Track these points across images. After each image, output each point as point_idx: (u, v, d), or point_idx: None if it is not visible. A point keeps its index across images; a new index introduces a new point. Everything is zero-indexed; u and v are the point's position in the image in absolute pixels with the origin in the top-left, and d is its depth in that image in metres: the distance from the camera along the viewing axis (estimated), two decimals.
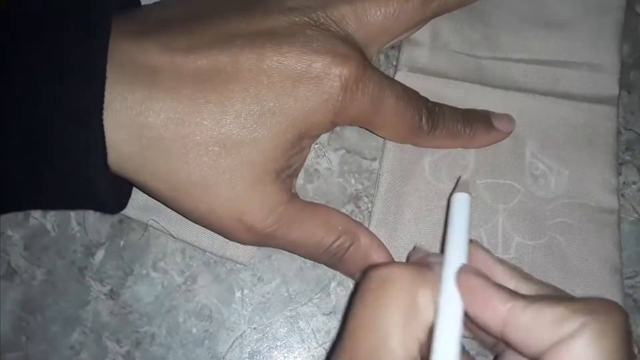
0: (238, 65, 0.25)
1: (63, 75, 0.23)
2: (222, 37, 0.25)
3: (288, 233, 0.26)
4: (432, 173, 0.30)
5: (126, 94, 0.24)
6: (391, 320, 0.20)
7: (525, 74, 0.32)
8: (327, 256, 0.27)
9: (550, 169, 0.31)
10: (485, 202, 0.30)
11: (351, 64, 0.25)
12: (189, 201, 0.25)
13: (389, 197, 0.30)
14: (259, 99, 0.25)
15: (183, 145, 0.24)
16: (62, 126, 0.23)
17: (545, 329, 0.19)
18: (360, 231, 0.28)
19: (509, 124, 0.31)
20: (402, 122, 0.28)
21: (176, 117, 0.24)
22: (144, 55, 0.24)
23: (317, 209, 0.27)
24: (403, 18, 0.28)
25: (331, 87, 0.25)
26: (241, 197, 0.25)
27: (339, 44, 0.26)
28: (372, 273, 0.21)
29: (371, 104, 0.26)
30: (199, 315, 0.30)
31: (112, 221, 0.31)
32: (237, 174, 0.25)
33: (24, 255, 0.30)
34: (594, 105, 0.31)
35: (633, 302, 0.31)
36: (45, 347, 0.30)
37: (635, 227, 0.31)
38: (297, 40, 0.25)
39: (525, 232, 0.30)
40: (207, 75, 0.24)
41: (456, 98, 0.31)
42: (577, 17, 0.32)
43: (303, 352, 0.30)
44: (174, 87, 0.24)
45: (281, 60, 0.25)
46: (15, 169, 0.24)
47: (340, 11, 0.27)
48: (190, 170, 0.25)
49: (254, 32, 0.25)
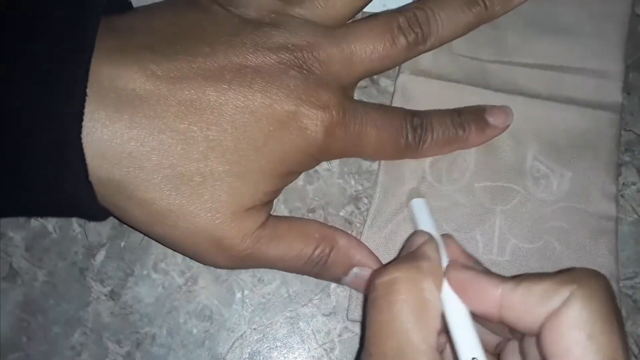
0: (225, 100, 0.25)
1: (43, 94, 0.23)
2: (210, 68, 0.25)
3: (266, 252, 0.27)
4: (431, 174, 0.30)
5: (107, 122, 0.23)
6: (407, 318, 0.21)
7: (529, 79, 0.31)
8: (311, 266, 0.28)
9: (552, 170, 0.30)
10: (482, 205, 0.30)
11: (332, 111, 0.26)
12: (165, 227, 0.26)
13: (387, 197, 0.30)
14: (246, 138, 0.25)
15: (165, 176, 0.24)
16: (43, 144, 0.23)
17: (538, 304, 0.20)
18: (337, 234, 0.28)
19: (505, 118, 0.30)
20: (386, 149, 0.29)
21: (160, 147, 0.24)
22: (127, 81, 0.24)
23: (290, 222, 0.28)
24: (388, 61, 0.29)
25: (314, 131, 0.26)
26: (220, 226, 0.25)
27: (321, 89, 0.26)
28: (377, 282, 0.22)
29: (353, 141, 0.27)
30: (199, 316, 0.30)
31: (112, 222, 0.31)
32: (217, 205, 0.25)
33: (25, 257, 0.31)
34: (597, 111, 0.31)
35: (633, 302, 0.31)
36: (46, 347, 0.30)
37: (635, 227, 0.31)
38: (283, 83, 0.25)
39: (522, 235, 0.30)
40: (193, 107, 0.24)
41: (458, 101, 0.31)
42: (582, 23, 0.32)
43: (303, 353, 0.30)
44: (159, 117, 0.24)
45: (269, 103, 0.25)
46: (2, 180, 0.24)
47: (327, 52, 0.27)
48: (170, 199, 0.25)
49: (242, 67, 0.25)
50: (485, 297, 0.21)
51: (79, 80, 0.23)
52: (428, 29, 0.29)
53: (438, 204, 0.30)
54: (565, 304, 0.19)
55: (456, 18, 0.29)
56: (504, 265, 0.29)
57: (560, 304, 0.19)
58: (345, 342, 0.30)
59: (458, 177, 0.30)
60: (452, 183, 0.30)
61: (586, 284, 0.20)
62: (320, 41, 0.27)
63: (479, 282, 0.22)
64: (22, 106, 0.23)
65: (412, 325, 0.21)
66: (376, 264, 0.28)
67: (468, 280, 0.22)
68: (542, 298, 0.20)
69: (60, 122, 0.23)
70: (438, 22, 0.29)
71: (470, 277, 0.22)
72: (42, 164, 0.23)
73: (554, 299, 0.20)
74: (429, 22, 0.29)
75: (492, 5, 0.30)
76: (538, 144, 0.31)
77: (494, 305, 0.21)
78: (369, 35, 0.28)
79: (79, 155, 0.23)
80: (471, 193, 0.30)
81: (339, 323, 0.30)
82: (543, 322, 0.20)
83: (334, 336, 0.30)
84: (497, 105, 0.31)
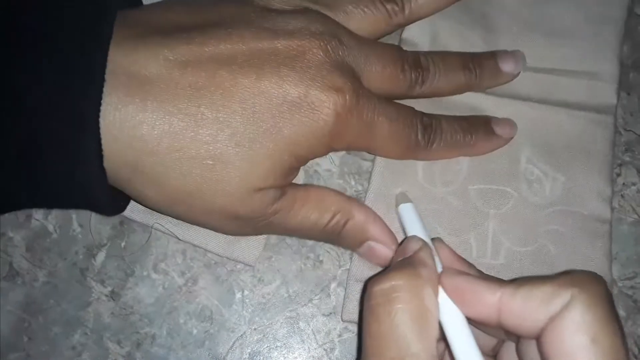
0: (236, 83, 0.25)
1: (62, 80, 0.23)
2: (222, 52, 0.25)
3: (282, 222, 0.27)
4: (424, 176, 0.30)
5: (119, 105, 0.23)
6: (407, 328, 0.21)
7: (523, 82, 0.31)
8: (324, 235, 0.28)
9: (545, 174, 0.30)
10: (476, 208, 0.30)
11: (345, 94, 0.26)
12: (183, 207, 0.26)
13: (379, 199, 0.30)
14: (256, 119, 0.25)
15: (177, 158, 0.24)
16: (59, 129, 0.23)
17: (539, 308, 0.20)
18: (354, 208, 0.28)
19: (511, 130, 0.31)
20: (397, 143, 0.29)
21: (170, 130, 0.24)
22: (140, 65, 0.24)
23: (309, 192, 0.28)
24: (393, 85, 0.29)
25: (326, 115, 0.26)
26: (236, 203, 0.25)
27: (335, 73, 0.26)
28: (374, 289, 0.22)
29: (365, 130, 0.27)
30: (199, 316, 0.30)
31: (113, 223, 0.31)
32: (231, 185, 0.25)
33: (25, 257, 0.31)
34: (591, 113, 0.31)
35: (633, 302, 0.31)
36: (46, 348, 0.30)
37: (635, 228, 0.31)
38: (296, 65, 0.25)
39: (516, 239, 0.30)
40: (204, 90, 0.24)
41: (452, 101, 0.31)
42: (577, 25, 0.32)
43: (303, 353, 0.30)
44: (169, 100, 0.24)
45: (280, 83, 0.25)
46: (10, 168, 0.24)
47: (346, 42, 0.27)
48: (184, 181, 0.25)
49: (256, 50, 0.25)
50: (483, 303, 0.21)
51: (97, 67, 0.23)
52: (427, 74, 0.30)
53: (431, 206, 0.30)
54: (567, 307, 0.19)
55: (451, 76, 0.30)
56: (498, 268, 0.29)
57: (561, 308, 0.19)
58: (345, 342, 0.30)
59: (451, 179, 0.30)
60: (445, 185, 0.30)
61: (587, 287, 0.20)
62: (341, 31, 0.27)
63: (476, 288, 0.22)
64: (38, 90, 0.23)
65: (413, 335, 0.21)
66: (391, 239, 0.29)
67: (464, 286, 0.22)
68: (542, 302, 0.20)
69: (78, 107, 0.23)
70: (437, 73, 0.30)
71: (466, 283, 0.22)
72: (57, 148, 0.23)
73: (555, 303, 0.20)
74: (428, 69, 0.30)
75: (482, 77, 0.31)
76: (532, 147, 0.31)
77: (492, 311, 0.21)
78: (385, 52, 0.29)
79: (96, 139, 0.23)
80: (465, 196, 0.30)
81: (339, 323, 0.30)
82: (544, 326, 0.20)
83: (334, 336, 0.30)
84: (493, 109, 0.31)
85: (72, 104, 0.23)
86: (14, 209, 0.30)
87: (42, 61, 0.23)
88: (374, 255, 0.29)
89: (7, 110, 0.23)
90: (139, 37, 0.25)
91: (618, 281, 0.31)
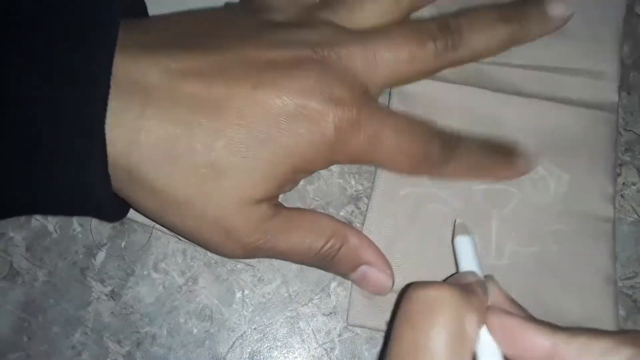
0: (233, 93, 0.25)
1: (67, 86, 0.23)
2: (222, 62, 0.25)
3: (276, 244, 0.27)
4: (430, 178, 0.30)
5: (119, 111, 0.24)
6: (440, 344, 0.20)
7: (525, 80, 0.31)
8: (317, 259, 0.28)
9: (550, 173, 0.30)
10: (479, 208, 0.30)
11: (344, 107, 0.25)
12: (176, 217, 0.26)
13: (385, 201, 0.30)
14: (252, 130, 0.25)
15: (172, 166, 0.24)
16: (64, 134, 0.23)
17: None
18: (349, 232, 0.28)
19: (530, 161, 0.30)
20: (408, 157, 0.27)
21: (166, 137, 0.24)
22: (141, 73, 0.24)
23: (303, 215, 0.28)
24: (415, 66, 0.28)
25: (325, 127, 0.25)
26: (228, 218, 0.25)
27: (336, 85, 0.26)
28: (417, 294, 0.21)
29: (369, 143, 0.26)
30: (199, 315, 0.30)
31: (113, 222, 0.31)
32: (225, 197, 0.25)
33: (25, 257, 0.31)
34: (593, 111, 0.31)
35: (633, 302, 0.31)
36: (46, 347, 0.30)
37: (635, 228, 0.31)
38: (295, 76, 0.25)
39: (520, 239, 0.30)
40: (202, 100, 0.24)
41: (455, 102, 0.31)
42: (577, 24, 0.32)
43: (303, 353, 0.30)
44: (168, 108, 0.24)
45: (277, 94, 0.25)
46: (15, 174, 0.24)
47: (348, 49, 0.27)
48: (178, 190, 0.25)
49: (255, 61, 0.25)
50: (533, 347, 0.21)
51: (101, 73, 0.23)
52: (459, 37, 0.28)
53: (435, 207, 0.30)
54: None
55: (489, 32, 0.29)
56: (502, 269, 0.29)
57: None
58: (345, 342, 0.30)
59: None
60: (449, 186, 0.30)
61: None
62: (343, 39, 0.27)
63: (526, 331, 0.21)
64: (43, 97, 0.23)
65: (447, 354, 0.20)
66: (385, 264, 0.28)
67: (513, 327, 0.21)
68: (599, 355, 0.20)
69: (84, 113, 0.23)
70: (471, 32, 0.28)
71: (516, 325, 0.21)
72: (62, 153, 0.23)
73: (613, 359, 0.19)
74: (460, 31, 0.28)
75: (528, 24, 0.29)
76: (535, 145, 0.31)
77: (542, 356, 0.20)
78: (396, 36, 0.27)
79: (101, 144, 0.23)
80: (469, 196, 0.30)
81: (339, 323, 0.30)
82: None
83: (334, 336, 0.30)
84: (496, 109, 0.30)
85: (78, 109, 0.23)
86: (17, 215, 0.30)
87: (47, 67, 0.23)
88: (368, 280, 0.28)
89: (12, 116, 0.23)
90: (142, 46, 0.25)
91: (618, 281, 0.31)
